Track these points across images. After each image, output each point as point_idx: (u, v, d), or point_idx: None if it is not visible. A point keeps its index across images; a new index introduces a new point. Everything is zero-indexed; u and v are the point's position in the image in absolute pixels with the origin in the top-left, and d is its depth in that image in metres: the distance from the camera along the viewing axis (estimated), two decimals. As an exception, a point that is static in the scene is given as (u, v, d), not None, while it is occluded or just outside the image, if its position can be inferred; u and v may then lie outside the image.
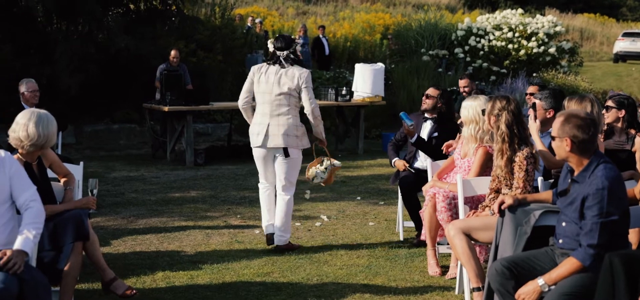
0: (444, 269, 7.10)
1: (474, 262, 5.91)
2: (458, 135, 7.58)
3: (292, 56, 7.73)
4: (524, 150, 6.01)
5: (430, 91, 8.49)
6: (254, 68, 7.88)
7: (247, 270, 7.11)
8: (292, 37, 7.80)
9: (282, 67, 7.65)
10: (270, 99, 7.63)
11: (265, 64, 7.82)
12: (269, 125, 7.62)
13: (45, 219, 5.05)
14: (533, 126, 6.47)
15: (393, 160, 8.50)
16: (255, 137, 7.74)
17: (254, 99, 7.91)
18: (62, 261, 5.38)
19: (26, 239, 4.74)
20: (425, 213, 7.02)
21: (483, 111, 6.25)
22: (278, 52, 7.69)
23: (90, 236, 5.72)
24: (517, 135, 6.03)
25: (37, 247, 5.12)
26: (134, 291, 5.96)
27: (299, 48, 7.06)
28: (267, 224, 7.88)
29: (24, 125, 5.55)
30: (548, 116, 7.05)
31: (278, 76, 7.62)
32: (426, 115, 8.45)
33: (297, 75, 7.62)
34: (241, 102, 8.02)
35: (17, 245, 4.69)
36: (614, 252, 4.51)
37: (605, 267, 4.47)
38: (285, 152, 7.64)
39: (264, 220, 7.93)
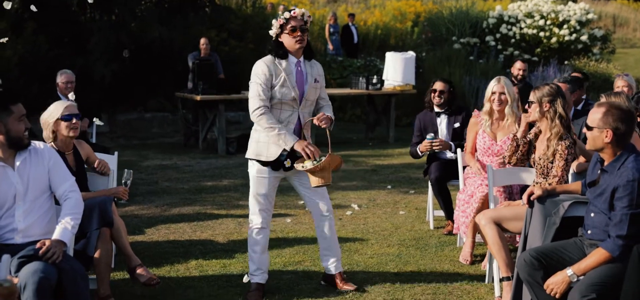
0: (475, 258, 7.16)
1: (504, 252, 5.96)
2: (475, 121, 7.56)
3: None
4: (567, 140, 6.06)
5: (441, 86, 8.43)
6: None
7: (278, 258, 7.20)
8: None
9: None
10: None
11: None
12: None
13: None
14: None
15: (418, 148, 8.41)
16: None
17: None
18: (90, 248, 5.51)
19: (64, 230, 4.87)
20: (474, 210, 7.00)
21: (529, 103, 6.25)
22: None
23: (115, 223, 5.85)
24: (566, 120, 6.13)
25: None
26: (158, 281, 6.06)
27: (274, 29, 6.11)
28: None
29: (46, 114, 6.07)
30: (573, 99, 7.25)
31: None
32: (437, 110, 8.46)
33: None
34: None
35: (56, 235, 4.82)
36: (642, 243, 4.55)
37: (633, 259, 4.50)
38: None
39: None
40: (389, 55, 15.79)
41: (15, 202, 4.90)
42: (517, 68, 12.01)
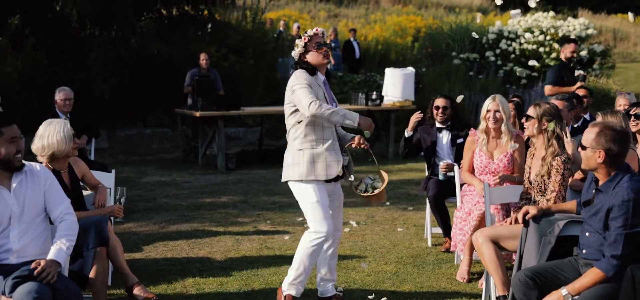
0: (472, 276, 7.15)
1: (501, 271, 5.96)
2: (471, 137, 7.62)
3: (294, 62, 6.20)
4: (563, 155, 6.08)
5: (442, 102, 8.46)
6: None
7: (276, 276, 7.19)
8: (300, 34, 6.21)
9: None
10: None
11: None
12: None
13: None
14: (569, 146, 6.51)
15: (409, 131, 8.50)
16: None
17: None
18: (86, 268, 5.53)
19: (59, 250, 4.88)
20: (471, 228, 7.01)
21: (527, 117, 6.28)
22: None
23: (111, 242, 5.87)
24: (562, 141, 6.15)
25: None
26: (155, 298, 6.08)
27: (298, 49, 6.10)
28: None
29: (35, 137, 6.03)
30: (571, 117, 7.31)
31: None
32: (439, 125, 8.48)
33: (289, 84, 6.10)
34: None
35: (51, 255, 4.83)
36: (636, 264, 4.54)
37: (627, 279, 4.50)
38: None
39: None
40: (389, 71, 15.83)
41: (11, 223, 4.91)
42: (570, 50, 11.06)
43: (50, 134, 5.98)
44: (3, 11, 16.36)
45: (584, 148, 4.97)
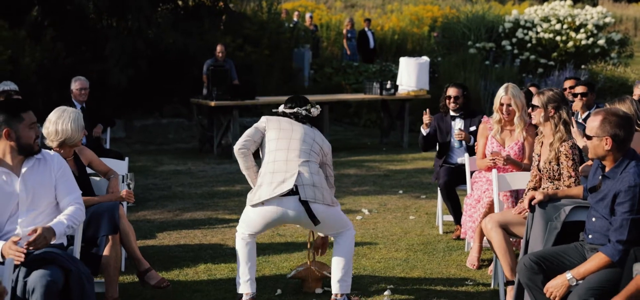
0: (482, 263, 7.19)
1: (509, 256, 6.00)
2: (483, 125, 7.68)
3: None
4: (570, 141, 6.10)
5: (454, 92, 8.55)
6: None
7: (286, 263, 7.27)
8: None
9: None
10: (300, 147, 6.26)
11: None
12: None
13: None
14: (575, 132, 6.54)
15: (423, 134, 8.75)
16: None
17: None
18: (99, 248, 5.63)
19: (60, 222, 4.97)
20: (481, 215, 7.06)
21: (533, 106, 6.31)
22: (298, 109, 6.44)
23: (123, 227, 6.00)
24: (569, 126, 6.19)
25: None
26: (168, 283, 6.16)
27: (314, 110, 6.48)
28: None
29: (46, 122, 6.10)
30: None
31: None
32: (453, 114, 8.54)
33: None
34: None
35: (51, 224, 4.92)
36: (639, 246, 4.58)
37: (630, 262, 4.53)
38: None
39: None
40: (403, 61, 15.85)
41: (19, 209, 4.99)
42: None
43: (64, 121, 6.05)
44: (22, 3, 16.52)
45: (589, 138, 4.98)
